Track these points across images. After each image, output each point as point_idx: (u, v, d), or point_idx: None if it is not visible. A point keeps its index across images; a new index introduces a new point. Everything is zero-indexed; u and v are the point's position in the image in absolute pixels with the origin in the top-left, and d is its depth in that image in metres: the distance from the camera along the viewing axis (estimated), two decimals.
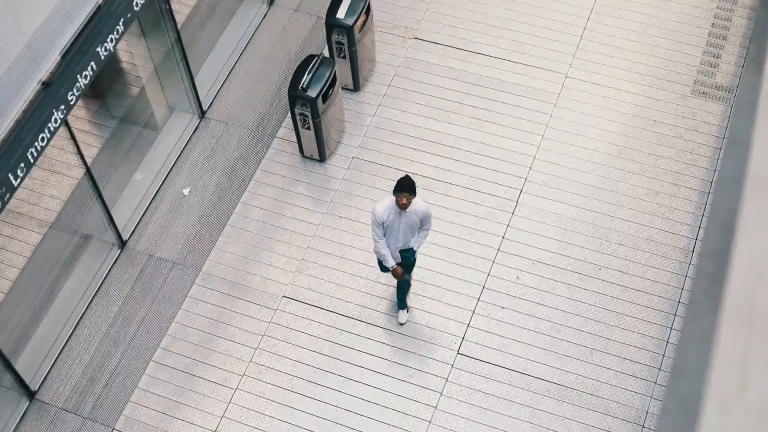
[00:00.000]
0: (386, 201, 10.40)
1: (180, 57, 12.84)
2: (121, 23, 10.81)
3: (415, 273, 12.03)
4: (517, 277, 11.99)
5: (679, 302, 11.68)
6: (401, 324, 11.81)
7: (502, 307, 11.77)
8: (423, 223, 10.66)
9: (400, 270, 10.88)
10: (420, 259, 12.11)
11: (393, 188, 10.24)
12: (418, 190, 12.62)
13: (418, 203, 10.43)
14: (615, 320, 11.61)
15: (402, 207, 10.21)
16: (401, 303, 11.75)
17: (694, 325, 3.41)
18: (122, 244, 12.46)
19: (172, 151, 13.28)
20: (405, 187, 10.10)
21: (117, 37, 10.79)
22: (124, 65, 12.69)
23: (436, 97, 13.61)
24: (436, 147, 13.11)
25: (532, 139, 13.12)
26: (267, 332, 11.73)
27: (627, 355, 11.37)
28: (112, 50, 10.75)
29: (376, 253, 10.73)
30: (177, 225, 12.65)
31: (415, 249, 10.88)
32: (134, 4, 10.98)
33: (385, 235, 10.60)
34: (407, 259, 10.93)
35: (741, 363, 2.86)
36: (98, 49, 10.53)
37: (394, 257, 10.79)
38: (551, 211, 12.49)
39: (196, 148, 13.31)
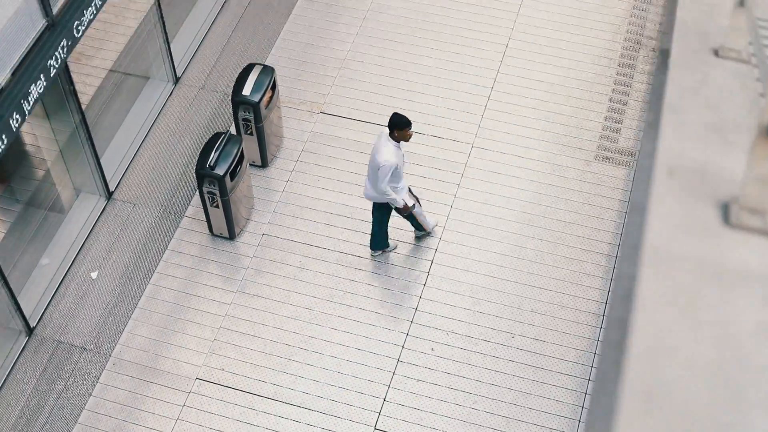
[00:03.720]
0: (390, 148, 11.24)
1: (85, 138, 12.70)
2: (24, 105, 10.67)
3: (330, 350, 11.96)
4: (432, 349, 11.96)
5: (592, 367, 11.75)
6: (418, 237, 12.95)
7: (418, 380, 11.72)
8: None
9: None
10: (333, 335, 12.06)
11: (394, 129, 11.15)
12: (326, 264, 12.66)
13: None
14: (531, 388, 11.62)
15: (409, 139, 11.30)
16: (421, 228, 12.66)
17: (602, 396, 3.41)
18: (30, 330, 12.18)
19: (79, 233, 13.08)
20: (408, 121, 11.15)
21: (20, 119, 10.64)
22: (29, 148, 12.52)
23: (344, 170, 13.64)
24: (346, 221, 13.10)
25: (441, 210, 13.19)
26: (181, 416, 11.51)
27: (544, 423, 11.37)
28: (15, 133, 10.59)
29: (399, 200, 11.68)
30: (86, 309, 12.42)
31: None
32: (36, 88, 10.85)
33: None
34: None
35: None
36: (1, 132, 10.37)
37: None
38: (463, 281, 12.52)
39: (104, 230, 13.12)
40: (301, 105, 14.45)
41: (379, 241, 12.53)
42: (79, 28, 11.52)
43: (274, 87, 13.17)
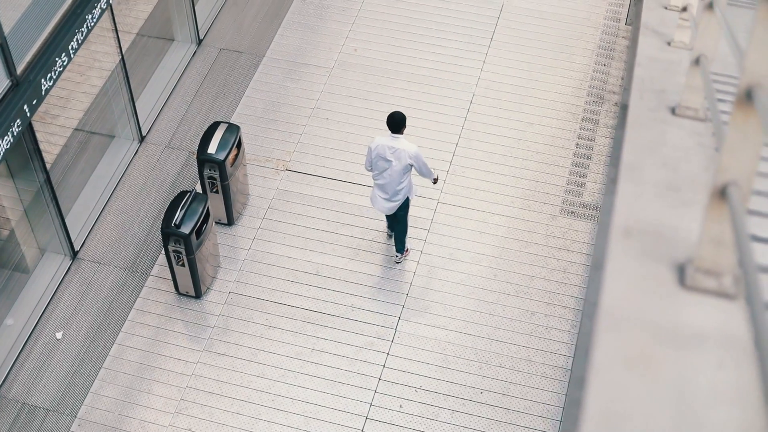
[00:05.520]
0: (405, 141, 11.97)
1: (50, 197, 12.66)
2: None
3: (298, 408, 11.89)
4: (401, 406, 11.92)
5: (560, 422, 11.73)
6: (398, 262, 13.29)
7: None
8: None
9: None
10: (301, 393, 12.00)
11: (402, 126, 11.87)
12: (293, 322, 12.64)
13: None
14: None
15: None
16: (401, 246, 13.13)
17: None
18: None
19: (44, 293, 12.99)
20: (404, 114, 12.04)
21: None
22: None
23: (310, 228, 13.65)
24: (312, 278, 13.09)
25: (407, 266, 13.21)
26: None
27: None
28: None
29: (435, 173, 12.55)
30: (50, 370, 12.30)
31: None
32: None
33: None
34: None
35: None
36: None
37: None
38: (430, 336, 12.51)
39: (69, 290, 13.04)
40: (266, 163, 14.48)
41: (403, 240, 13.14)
42: (44, 87, 11.51)
43: (239, 145, 13.20)
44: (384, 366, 12.26)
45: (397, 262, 13.21)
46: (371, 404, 11.92)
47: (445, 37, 16.46)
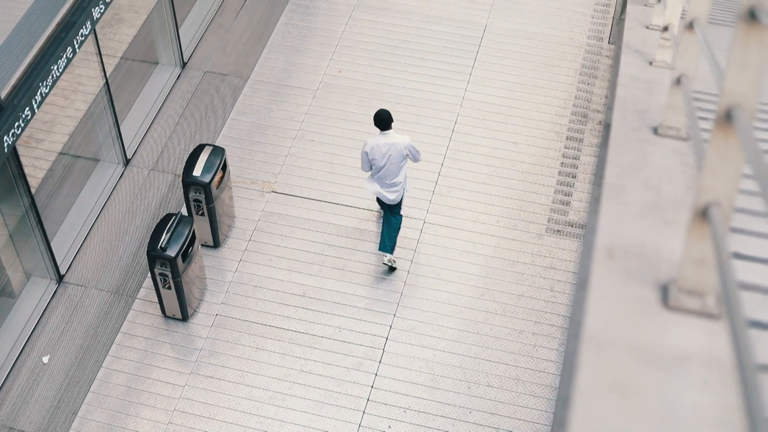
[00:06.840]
0: (396, 134, 12.54)
1: (35, 222, 12.64)
2: None
3: (286, 430, 11.86)
4: (389, 426, 11.90)
5: None
6: (392, 267, 13.38)
7: None
8: None
9: None
10: (289, 415, 11.97)
11: (390, 122, 12.37)
12: (281, 344, 12.61)
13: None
14: None
15: None
16: (391, 246, 13.09)
17: None
18: None
19: (30, 318, 12.94)
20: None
21: None
22: None
23: (297, 249, 13.65)
24: (299, 299, 13.09)
25: (394, 287, 13.21)
26: None
27: None
28: None
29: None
30: (37, 394, 12.25)
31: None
32: None
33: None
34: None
35: None
36: None
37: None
38: (418, 357, 12.51)
39: (55, 314, 13.00)
40: (252, 185, 14.49)
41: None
42: (28, 111, 11.51)
43: (224, 167, 13.21)
44: (372, 386, 12.25)
45: (392, 267, 13.22)
46: (360, 425, 11.90)
47: (429, 58, 16.51)
